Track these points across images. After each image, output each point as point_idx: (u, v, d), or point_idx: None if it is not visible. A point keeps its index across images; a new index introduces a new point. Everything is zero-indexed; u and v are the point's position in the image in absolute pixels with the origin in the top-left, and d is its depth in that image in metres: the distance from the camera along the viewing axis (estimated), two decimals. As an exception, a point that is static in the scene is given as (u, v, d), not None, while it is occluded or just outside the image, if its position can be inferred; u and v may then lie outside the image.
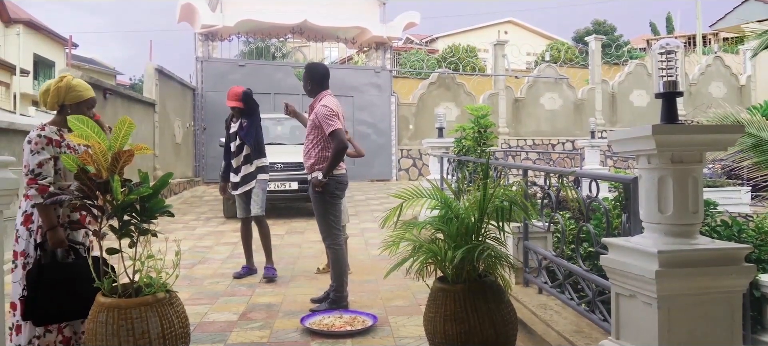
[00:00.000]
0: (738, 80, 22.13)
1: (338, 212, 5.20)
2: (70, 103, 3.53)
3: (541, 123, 19.78)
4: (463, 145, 9.43)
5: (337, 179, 5.08)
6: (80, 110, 3.51)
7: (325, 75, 5.26)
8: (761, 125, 6.41)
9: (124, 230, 3.38)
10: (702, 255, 2.57)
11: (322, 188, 4.99)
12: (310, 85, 5.23)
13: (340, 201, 5.26)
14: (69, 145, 3.50)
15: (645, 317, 2.62)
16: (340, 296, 5.05)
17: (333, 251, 5.11)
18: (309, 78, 5.23)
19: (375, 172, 17.70)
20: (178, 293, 3.60)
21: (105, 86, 10.96)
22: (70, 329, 3.55)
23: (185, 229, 9.58)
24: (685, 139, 2.61)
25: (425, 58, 24.50)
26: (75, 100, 3.54)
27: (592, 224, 4.33)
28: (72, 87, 3.54)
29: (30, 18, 29.08)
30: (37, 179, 3.40)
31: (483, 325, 3.43)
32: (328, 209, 5.08)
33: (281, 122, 12.14)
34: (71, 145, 3.51)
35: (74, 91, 3.54)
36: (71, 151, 3.47)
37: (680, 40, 2.84)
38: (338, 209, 5.20)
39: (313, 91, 5.23)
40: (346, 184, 5.28)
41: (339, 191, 5.14)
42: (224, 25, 16.58)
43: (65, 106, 3.53)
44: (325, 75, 5.26)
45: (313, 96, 5.22)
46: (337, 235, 5.13)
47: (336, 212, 5.14)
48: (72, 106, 3.53)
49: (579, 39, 33.04)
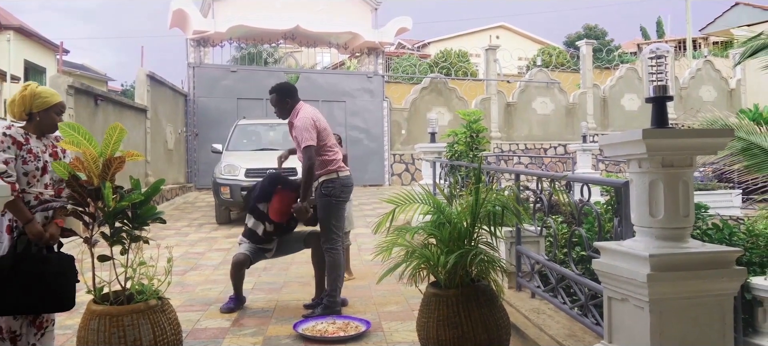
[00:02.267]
0: (728, 84, 22.27)
1: (341, 217, 5.17)
2: (37, 111, 3.49)
3: (533, 127, 19.84)
4: (456, 150, 9.45)
5: (342, 182, 5.06)
6: (49, 116, 3.52)
7: (293, 89, 5.18)
8: (751, 129, 6.45)
9: (116, 237, 3.38)
10: (693, 259, 2.59)
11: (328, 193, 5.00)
12: (282, 105, 5.11)
13: (345, 206, 5.23)
14: (31, 149, 3.45)
15: (637, 320, 2.63)
16: (332, 301, 5.03)
17: (330, 255, 5.06)
18: (279, 100, 5.10)
19: (368, 177, 17.70)
20: (170, 299, 3.59)
21: (96, 92, 10.93)
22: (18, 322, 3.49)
23: (177, 235, 9.55)
24: (675, 143, 2.63)
25: (417, 63, 24.54)
26: (42, 107, 3.50)
27: (584, 227, 4.35)
28: (37, 94, 3.50)
29: (21, 24, 28.91)
30: (2, 176, 3.32)
31: (476, 330, 3.43)
32: (332, 212, 5.05)
33: (274, 128, 12.14)
34: (33, 151, 3.46)
35: (40, 97, 3.49)
36: (32, 157, 3.44)
37: (670, 45, 2.86)
38: (342, 213, 5.17)
39: (287, 108, 5.12)
40: (351, 187, 5.25)
41: (344, 195, 5.12)
42: (216, 31, 16.57)
43: (33, 113, 3.50)
44: (293, 89, 5.18)
45: (289, 113, 5.12)
46: (337, 240, 5.09)
47: (339, 216, 5.11)
48: (40, 113, 3.50)
49: (570, 43, 33.23)
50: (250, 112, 15.32)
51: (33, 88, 3.55)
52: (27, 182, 3.43)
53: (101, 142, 3.41)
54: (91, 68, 35.65)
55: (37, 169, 3.47)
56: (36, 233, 3.32)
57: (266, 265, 7.17)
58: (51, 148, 3.60)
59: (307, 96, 17.21)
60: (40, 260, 3.37)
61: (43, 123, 3.53)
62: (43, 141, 3.57)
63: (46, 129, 3.57)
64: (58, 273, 3.39)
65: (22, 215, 3.32)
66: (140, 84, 13.88)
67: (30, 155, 3.44)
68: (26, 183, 3.43)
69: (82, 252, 3.45)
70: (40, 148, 3.53)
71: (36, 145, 3.50)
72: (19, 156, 3.40)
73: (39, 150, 3.50)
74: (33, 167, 3.44)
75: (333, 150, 5.08)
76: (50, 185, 3.56)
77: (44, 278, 3.33)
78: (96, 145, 3.37)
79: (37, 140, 3.53)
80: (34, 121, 3.52)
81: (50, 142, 3.61)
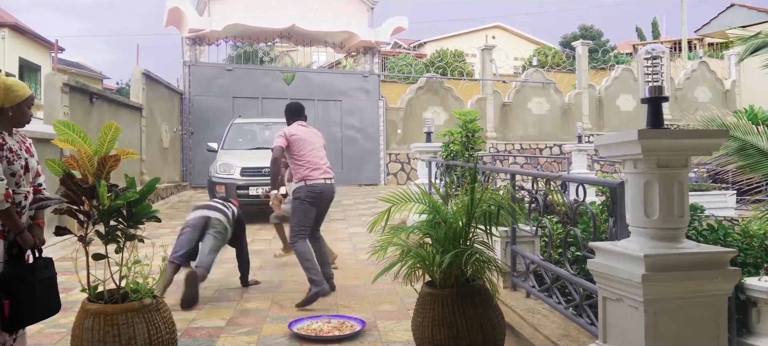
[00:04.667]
0: (723, 85, 22.34)
1: (306, 218, 5.57)
2: (10, 105, 3.28)
3: (529, 127, 19.86)
4: (451, 149, 9.46)
5: (308, 188, 5.53)
6: (21, 110, 3.33)
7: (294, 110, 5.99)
8: (746, 129, 6.46)
9: (111, 236, 3.37)
10: (688, 259, 2.59)
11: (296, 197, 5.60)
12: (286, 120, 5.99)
13: (311, 209, 5.60)
14: (12, 148, 3.27)
15: (632, 320, 2.64)
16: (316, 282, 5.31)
17: (294, 248, 5.55)
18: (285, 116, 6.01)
19: (363, 176, 17.70)
20: (164, 298, 3.58)
21: (91, 90, 10.89)
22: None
23: (172, 234, 9.49)
24: (670, 143, 2.64)
25: (413, 63, 24.55)
26: (15, 101, 3.29)
27: (579, 228, 4.36)
28: (9, 87, 3.29)
29: (15, 22, 28.83)
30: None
31: (471, 329, 3.44)
32: (296, 213, 5.57)
33: (269, 126, 12.12)
34: (13, 149, 3.28)
35: (13, 91, 3.29)
36: (14, 155, 3.27)
37: (666, 46, 2.85)
38: (308, 215, 5.57)
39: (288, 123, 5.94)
40: (320, 194, 5.62)
41: (309, 199, 5.54)
42: (212, 30, 16.53)
43: (5, 108, 3.28)
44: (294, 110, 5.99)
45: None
46: (299, 235, 5.52)
47: (302, 216, 5.55)
48: (13, 108, 3.29)
49: (566, 44, 33.28)
50: (246, 111, 15.30)
51: (3, 81, 3.33)
52: (15, 182, 3.28)
53: (96, 141, 3.40)
54: (87, 66, 35.56)
55: (21, 167, 3.31)
56: (28, 241, 3.27)
57: (262, 264, 7.16)
58: (23, 144, 3.42)
59: (303, 95, 17.34)
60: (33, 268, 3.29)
61: (15, 118, 3.33)
62: (16, 138, 3.39)
63: (19, 124, 3.38)
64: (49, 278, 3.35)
65: (15, 224, 3.21)
66: (135, 82, 13.83)
67: (12, 154, 3.27)
68: (15, 184, 3.28)
69: (77, 250, 3.44)
70: (16, 145, 3.35)
71: (13, 142, 3.32)
72: (3, 157, 3.22)
73: (17, 148, 3.33)
74: (18, 166, 3.28)
75: (304, 161, 5.61)
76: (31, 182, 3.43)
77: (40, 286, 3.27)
78: (91, 143, 3.36)
79: (10, 136, 3.34)
80: (6, 116, 3.30)
81: (21, 138, 3.43)
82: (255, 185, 10.20)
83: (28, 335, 4.52)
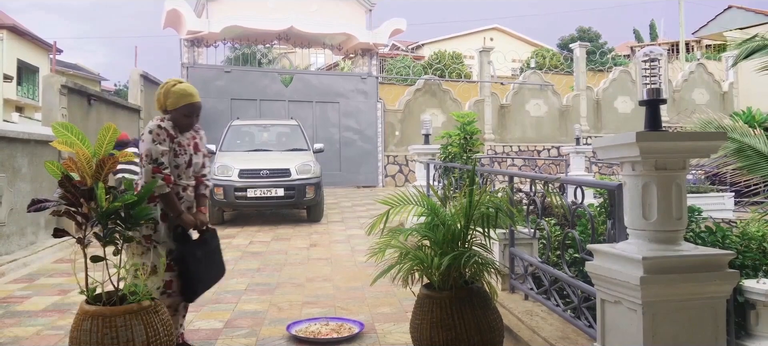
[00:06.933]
0: (720, 87, 22.38)
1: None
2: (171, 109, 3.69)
3: (527, 129, 19.88)
4: (449, 151, 9.46)
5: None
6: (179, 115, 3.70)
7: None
8: (744, 131, 6.48)
9: (109, 237, 3.36)
10: (686, 261, 2.59)
11: None
12: None
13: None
14: (180, 142, 3.70)
15: (630, 323, 2.64)
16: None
17: None
18: None
19: (361, 178, 17.70)
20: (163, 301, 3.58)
21: (89, 92, 10.88)
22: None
23: (170, 236, 9.51)
24: (668, 146, 2.64)
25: (411, 65, 24.58)
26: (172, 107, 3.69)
27: (577, 230, 4.36)
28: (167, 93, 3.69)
29: (14, 23, 28.82)
30: (161, 168, 3.56)
31: (469, 331, 3.44)
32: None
33: (267, 129, 12.13)
34: (182, 144, 3.71)
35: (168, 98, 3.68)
36: (182, 150, 3.71)
37: (664, 48, 2.85)
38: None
39: None
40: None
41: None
42: (210, 31, 16.53)
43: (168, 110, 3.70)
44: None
45: None
46: None
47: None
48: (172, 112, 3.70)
49: (564, 46, 33.33)
50: (244, 113, 15.29)
51: (169, 86, 3.71)
52: (177, 174, 3.70)
53: (94, 143, 3.40)
54: (84, 68, 35.60)
55: (185, 162, 3.74)
56: (189, 222, 3.71)
57: (259, 266, 7.16)
58: (192, 140, 3.84)
59: (300, 97, 17.34)
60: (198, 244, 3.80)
61: (174, 120, 3.70)
62: (186, 135, 3.79)
63: (179, 127, 3.72)
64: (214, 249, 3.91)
65: (175, 208, 3.63)
66: (133, 84, 13.84)
67: (180, 148, 3.70)
68: (177, 176, 3.69)
69: (75, 252, 3.43)
70: (185, 141, 3.76)
71: (183, 138, 3.75)
72: (172, 149, 3.65)
73: (185, 143, 3.76)
74: (182, 161, 3.71)
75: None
76: (193, 176, 3.86)
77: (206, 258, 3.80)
78: (89, 145, 3.36)
79: (182, 135, 3.76)
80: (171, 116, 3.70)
81: (191, 136, 3.84)
82: (253, 187, 10.19)
83: (26, 338, 4.53)
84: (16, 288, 6.14)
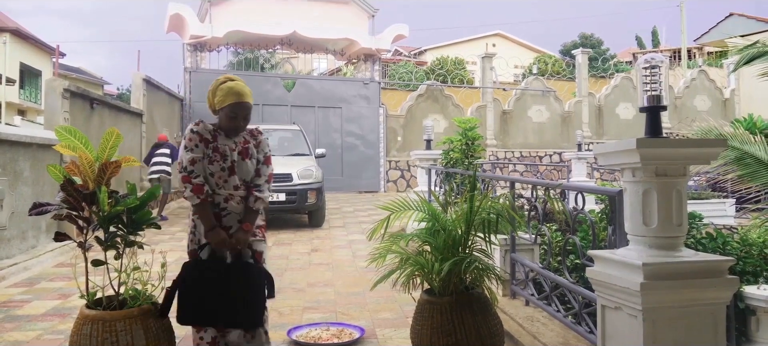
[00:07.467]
0: (722, 94, 22.38)
1: None
2: (219, 108, 3.35)
3: (529, 135, 19.88)
4: (451, 157, 9.47)
5: None
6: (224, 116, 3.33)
7: None
8: (744, 139, 6.47)
9: (110, 242, 3.37)
10: (686, 267, 2.59)
11: None
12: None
13: None
14: (217, 147, 3.30)
15: (630, 329, 2.64)
16: None
17: None
18: None
19: (363, 183, 17.72)
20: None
21: (92, 96, 10.90)
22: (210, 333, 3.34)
23: (172, 240, 9.52)
24: (668, 152, 2.64)
25: (414, 70, 24.58)
26: (218, 106, 3.34)
27: (578, 236, 4.36)
28: (215, 90, 3.35)
29: (17, 27, 28.91)
30: (191, 176, 3.22)
31: (470, 337, 3.44)
32: None
33: (270, 133, 12.13)
34: (219, 149, 3.30)
35: (216, 96, 3.34)
36: (218, 156, 3.29)
37: (665, 55, 2.86)
38: None
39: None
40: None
41: None
42: (213, 36, 16.57)
43: (217, 110, 3.38)
44: None
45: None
46: None
47: None
48: (219, 112, 3.36)
49: (566, 52, 33.37)
50: None
51: (218, 83, 3.37)
52: (214, 182, 3.29)
53: (97, 146, 3.41)
54: (87, 72, 35.65)
55: (224, 169, 3.29)
56: (218, 241, 3.21)
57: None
58: (242, 145, 3.39)
59: (303, 102, 17.37)
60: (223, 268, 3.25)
61: (220, 121, 3.38)
62: (234, 138, 3.38)
63: (225, 129, 3.37)
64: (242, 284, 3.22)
65: (206, 220, 3.22)
66: (136, 88, 13.85)
67: (216, 154, 3.28)
68: (214, 184, 3.29)
69: (76, 256, 3.44)
70: (229, 145, 3.34)
71: (224, 142, 3.33)
72: (206, 155, 3.28)
73: (227, 148, 3.32)
74: (218, 168, 3.28)
75: None
76: (241, 185, 3.35)
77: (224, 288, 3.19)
78: (92, 149, 3.37)
79: (227, 138, 3.36)
80: (219, 117, 3.38)
81: (242, 140, 3.41)
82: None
83: (27, 342, 4.53)
84: (16, 292, 6.15)
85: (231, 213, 3.31)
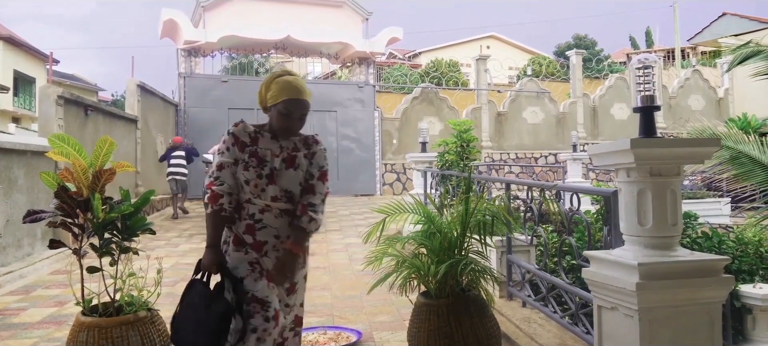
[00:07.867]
0: (716, 93, 22.45)
1: None
2: (271, 105, 2.96)
3: (524, 137, 19.91)
4: (447, 159, 9.47)
5: None
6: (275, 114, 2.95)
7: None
8: (738, 138, 6.50)
9: (105, 248, 3.36)
10: (681, 267, 2.60)
11: None
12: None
13: None
14: (256, 152, 2.90)
15: (626, 329, 2.64)
16: None
17: None
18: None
19: (359, 187, 17.70)
20: (159, 311, 3.57)
21: (86, 103, 10.88)
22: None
23: (168, 246, 9.50)
24: (662, 152, 2.65)
25: (408, 73, 24.63)
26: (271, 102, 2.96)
27: (574, 237, 4.37)
28: (269, 83, 3.00)
29: (10, 34, 28.84)
30: (215, 183, 2.85)
31: (467, 339, 3.44)
32: None
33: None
34: (258, 153, 2.89)
35: (269, 90, 2.98)
36: (255, 161, 2.88)
37: (659, 55, 2.87)
38: None
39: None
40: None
41: None
42: (207, 41, 16.56)
43: (269, 107, 3.00)
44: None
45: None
46: None
47: None
48: (270, 109, 2.99)
49: (560, 53, 33.45)
50: None
51: (273, 76, 3.02)
52: (250, 191, 2.89)
53: (91, 153, 3.40)
54: (81, 78, 35.59)
55: (261, 176, 2.87)
56: (208, 263, 2.83)
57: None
58: (289, 152, 2.96)
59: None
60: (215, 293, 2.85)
61: (271, 120, 3.00)
62: (281, 142, 2.98)
63: (277, 131, 2.97)
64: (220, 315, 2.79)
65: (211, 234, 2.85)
66: (130, 94, 13.84)
67: (253, 159, 2.88)
68: (250, 192, 2.89)
69: (71, 263, 3.43)
70: (272, 149, 2.94)
71: (266, 146, 2.94)
72: (241, 160, 2.89)
73: (268, 152, 2.92)
74: (254, 175, 2.86)
75: None
76: (281, 197, 2.92)
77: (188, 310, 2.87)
78: (86, 156, 3.37)
79: (272, 140, 2.96)
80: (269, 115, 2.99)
81: (291, 146, 2.98)
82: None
83: (23, 349, 4.51)
84: (12, 300, 6.12)
85: (267, 227, 2.90)
